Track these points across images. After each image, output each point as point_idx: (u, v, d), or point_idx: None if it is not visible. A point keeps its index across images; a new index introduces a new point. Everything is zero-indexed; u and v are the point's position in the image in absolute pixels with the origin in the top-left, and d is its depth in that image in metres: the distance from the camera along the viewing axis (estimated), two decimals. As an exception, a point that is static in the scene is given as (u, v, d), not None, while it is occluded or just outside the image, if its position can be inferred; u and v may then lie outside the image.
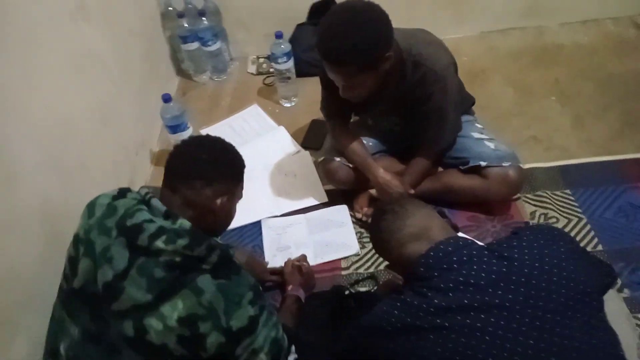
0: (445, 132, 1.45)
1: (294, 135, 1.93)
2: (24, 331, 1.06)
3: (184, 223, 0.93)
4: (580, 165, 1.69)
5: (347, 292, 1.38)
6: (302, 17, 2.26)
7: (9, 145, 1.08)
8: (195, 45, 2.14)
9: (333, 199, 1.67)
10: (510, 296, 0.83)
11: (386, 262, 1.44)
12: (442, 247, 0.92)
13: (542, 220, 1.54)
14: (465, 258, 0.89)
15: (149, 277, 0.89)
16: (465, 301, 0.84)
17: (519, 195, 1.59)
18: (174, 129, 1.69)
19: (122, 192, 1.01)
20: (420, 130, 1.47)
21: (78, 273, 0.95)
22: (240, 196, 1.08)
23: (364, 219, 1.54)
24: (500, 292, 0.84)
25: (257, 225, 1.61)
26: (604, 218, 1.53)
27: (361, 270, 1.47)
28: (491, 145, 1.52)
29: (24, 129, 1.15)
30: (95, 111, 1.51)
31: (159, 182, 1.04)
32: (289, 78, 2.02)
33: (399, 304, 0.91)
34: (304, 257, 1.43)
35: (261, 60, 2.35)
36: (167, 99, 1.63)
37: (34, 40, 1.21)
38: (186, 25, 2.08)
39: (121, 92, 1.69)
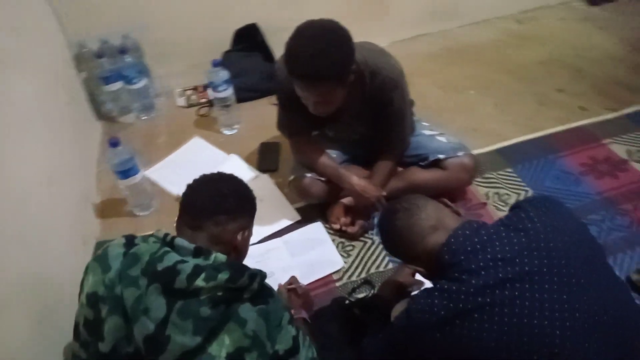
0: (406, 133, 1.55)
1: (247, 161, 1.90)
2: None
3: (219, 257, 0.88)
4: (513, 146, 1.90)
5: (347, 302, 1.39)
6: (224, 44, 2.25)
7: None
8: (118, 85, 2.02)
9: (304, 215, 1.67)
10: (536, 262, 0.91)
11: (375, 266, 1.49)
12: (460, 232, 0.98)
13: (496, 199, 1.69)
14: (485, 238, 0.96)
15: (195, 317, 0.83)
16: (500, 275, 0.90)
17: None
18: (125, 174, 1.56)
19: (131, 239, 0.92)
20: (380, 135, 1.54)
21: (105, 336, 0.84)
22: (252, 232, 1.07)
23: (343, 228, 1.56)
24: (526, 260, 0.91)
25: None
26: (545, 186, 1.73)
27: (354, 278, 1.48)
28: (443, 139, 1.64)
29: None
30: (41, 175, 1.35)
31: (110, 236, 0.97)
32: (229, 105, 1.99)
33: (436, 293, 0.94)
34: (294, 279, 1.40)
35: (189, 92, 2.28)
36: (114, 143, 1.51)
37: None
38: (107, 65, 1.95)
39: (56, 150, 1.52)
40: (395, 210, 1.06)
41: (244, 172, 1.83)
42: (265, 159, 1.90)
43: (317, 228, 1.62)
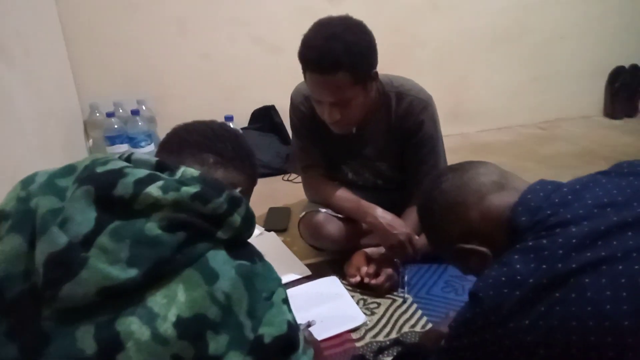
0: (440, 166, 1.31)
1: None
2: None
3: (189, 171, 0.61)
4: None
5: (372, 365, 0.99)
6: (242, 123, 2.19)
7: None
8: (124, 147, 1.90)
9: (316, 271, 1.33)
10: (667, 204, 0.61)
11: (409, 325, 1.11)
12: (538, 187, 0.70)
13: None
14: (578, 187, 0.67)
15: (135, 238, 0.52)
16: (615, 218, 0.59)
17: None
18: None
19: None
20: (410, 171, 1.31)
21: None
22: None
23: (366, 280, 1.22)
24: (648, 202, 0.61)
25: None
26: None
27: (380, 338, 1.09)
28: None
29: None
30: (3, 168, 1.14)
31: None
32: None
33: (517, 256, 0.61)
34: (305, 325, 1.04)
35: (198, 170, 2.14)
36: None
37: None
38: (116, 125, 1.86)
39: (35, 167, 1.33)
40: (440, 174, 0.79)
41: (247, 230, 1.56)
42: (273, 219, 1.65)
43: (331, 282, 1.28)
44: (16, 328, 0.50)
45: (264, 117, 2.18)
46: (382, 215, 1.22)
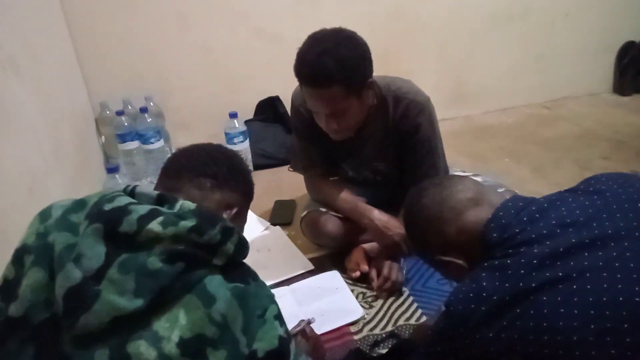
0: (438, 167, 1.35)
1: (260, 217, 1.72)
2: None
3: (186, 204, 0.67)
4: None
5: (368, 357, 1.07)
6: (247, 114, 2.24)
7: None
8: (134, 144, 1.97)
9: (318, 265, 1.41)
10: (622, 224, 0.66)
11: (404, 318, 1.19)
12: (510, 204, 0.76)
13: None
14: (546, 205, 0.73)
15: (140, 271, 0.60)
16: (573, 240, 0.65)
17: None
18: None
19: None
20: (409, 172, 1.35)
21: (19, 294, 0.61)
22: (244, 224, 0.86)
23: (376, 288, 1.28)
24: (607, 222, 0.66)
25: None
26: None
27: (377, 331, 1.17)
28: (478, 179, 1.43)
29: None
30: (22, 179, 1.22)
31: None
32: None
33: (484, 273, 0.68)
34: (306, 322, 1.12)
35: (207, 162, 2.21)
36: (112, 169, 1.39)
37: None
38: (125, 123, 1.94)
39: (51, 172, 1.42)
40: (422, 188, 0.85)
41: (253, 225, 1.64)
42: (278, 213, 1.72)
43: (332, 276, 1.36)
44: (42, 351, 0.58)
45: (269, 108, 2.23)
46: (378, 217, 1.28)
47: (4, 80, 1.22)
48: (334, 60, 1.09)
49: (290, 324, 1.13)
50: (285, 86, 1.45)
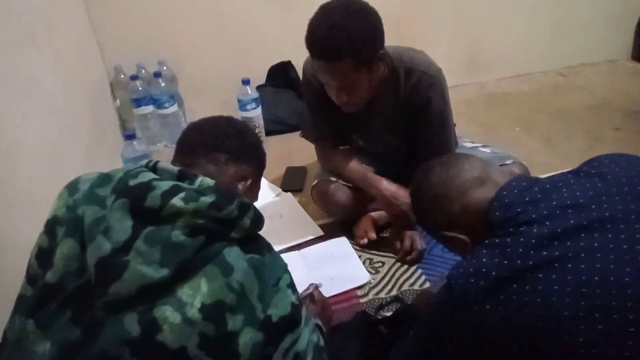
0: (449, 141, 1.36)
1: (272, 183, 1.76)
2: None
3: (206, 180, 0.72)
4: (569, 174, 1.68)
5: (373, 319, 1.14)
6: (259, 80, 2.25)
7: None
8: (149, 108, 2.00)
9: (328, 232, 1.47)
10: (620, 207, 0.69)
11: (409, 284, 1.25)
12: (514, 184, 0.78)
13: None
14: (548, 186, 0.75)
15: (165, 244, 0.65)
16: (572, 222, 0.68)
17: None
18: (138, 172, 1.46)
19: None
20: (420, 146, 1.37)
21: (54, 263, 0.67)
22: (257, 197, 0.90)
23: (400, 255, 1.34)
24: (606, 205, 0.69)
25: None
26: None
27: (382, 295, 1.23)
28: (487, 150, 1.46)
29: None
30: (43, 149, 1.27)
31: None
32: (257, 129, 1.91)
33: (485, 250, 0.72)
34: (314, 286, 1.18)
35: (219, 126, 2.24)
36: (130, 135, 1.43)
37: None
38: (140, 87, 1.96)
39: (69, 141, 1.47)
40: (430, 166, 0.88)
41: (265, 190, 1.69)
42: (290, 180, 1.77)
43: (341, 242, 1.42)
44: (77, 315, 0.64)
45: (280, 73, 2.23)
46: (386, 187, 1.32)
47: (25, 55, 1.25)
48: (344, 33, 1.10)
49: (301, 288, 1.19)
50: (297, 51, 1.44)
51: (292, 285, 0.75)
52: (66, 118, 1.47)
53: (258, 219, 0.74)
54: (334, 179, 1.42)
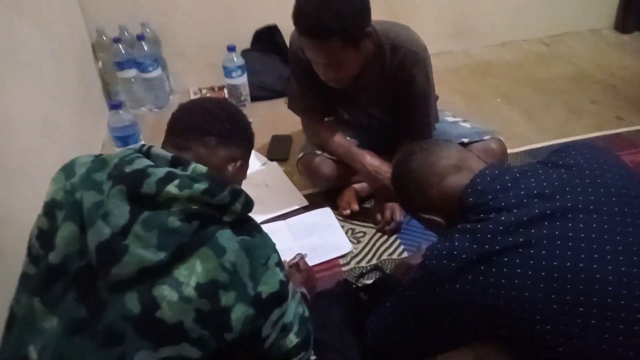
0: (430, 116, 1.41)
1: (257, 151, 1.80)
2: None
3: (199, 167, 0.75)
4: (545, 148, 1.75)
5: (353, 286, 1.22)
6: (245, 44, 2.22)
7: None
8: (132, 72, 1.98)
9: (313, 202, 1.53)
10: (580, 198, 0.75)
11: (388, 253, 1.33)
12: (487, 171, 0.84)
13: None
14: (518, 175, 0.81)
15: (161, 229, 0.69)
16: (536, 211, 0.75)
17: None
18: (124, 141, 1.48)
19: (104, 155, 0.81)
20: (402, 120, 1.42)
21: (56, 245, 0.71)
22: (245, 175, 0.94)
23: (379, 225, 1.41)
24: (569, 196, 0.76)
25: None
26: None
27: (363, 264, 1.31)
28: (467, 125, 1.52)
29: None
30: (34, 119, 1.28)
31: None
32: (243, 95, 1.92)
33: (457, 234, 0.78)
34: (300, 256, 1.25)
35: (204, 90, 2.24)
36: (116, 105, 1.44)
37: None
38: (123, 51, 1.93)
39: (60, 108, 1.47)
40: (411, 151, 0.93)
41: (251, 158, 1.71)
42: (275, 149, 1.80)
43: (325, 213, 1.48)
44: (81, 295, 0.69)
45: (266, 37, 2.20)
46: (369, 162, 1.37)
47: (9, 22, 1.23)
48: (332, 12, 1.11)
49: (287, 256, 1.27)
50: (283, 14, 1.42)
51: (280, 264, 0.80)
52: (54, 83, 1.46)
53: (248, 203, 0.78)
54: (318, 152, 1.46)
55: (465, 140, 1.44)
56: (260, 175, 1.65)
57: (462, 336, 0.81)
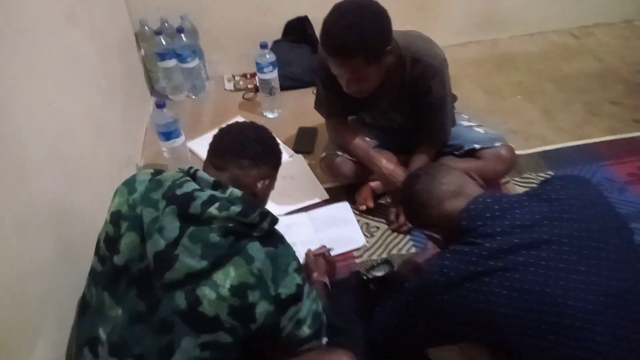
0: (446, 125, 1.53)
1: (284, 143, 1.94)
2: (44, 334, 0.97)
3: (235, 191, 0.92)
4: (558, 150, 1.84)
5: (364, 278, 1.38)
6: (276, 34, 2.33)
7: (16, 141, 1.01)
8: (172, 62, 2.13)
9: (333, 196, 1.68)
10: (556, 231, 0.88)
11: (397, 249, 1.48)
12: (480, 199, 0.96)
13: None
14: (506, 205, 0.93)
15: (204, 243, 0.86)
16: (516, 241, 0.88)
17: (508, 179, 1.69)
18: (167, 135, 1.65)
19: (159, 171, 0.98)
20: (420, 126, 1.53)
21: (120, 250, 0.89)
22: (274, 187, 1.09)
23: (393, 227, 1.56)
24: (546, 229, 0.88)
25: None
26: (587, 193, 1.65)
27: (374, 257, 1.47)
28: (481, 130, 1.61)
29: (28, 125, 1.08)
30: (89, 120, 1.45)
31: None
32: (273, 88, 2.05)
33: (449, 255, 0.92)
34: (325, 248, 1.41)
35: (237, 77, 2.37)
36: (161, 104, 1.61)
37: (33, 39, 1.16)
38: (164, 42, 2.08)
39: (109, 106, 1.64)
40: (417, 174, 1.06)
41: (280, 151, 1.87)
42: (301, 141, 1.94)
43: (343, 207, 1.63)
44: (141, 292, 0.88)
45: (297, 28, 2.30)
46: (385, 165, 1.50)
47: (68, 33, 1.38)
48: (357, 35, 1.22)
49: (308, 246, 1.43)
50: (314, 5, 1.48)
51: (298, 270, 0.97)
52: (104, 84, 1.63)
53: (273, 222, 0.94)
54: (339, 152, 1.60)
55: (477, 146, 1.55)
56: (287, 167, 1.79)
57: (448, 337, 0.97)
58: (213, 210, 0.87)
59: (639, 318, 0.82)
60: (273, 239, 0.95)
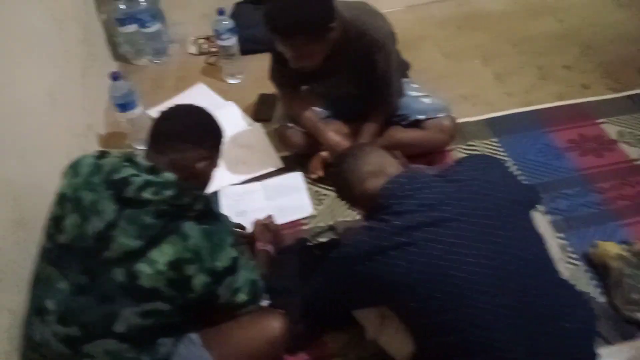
0: (392, 97, 1.59)
1: (244, 110, 1.99)
2: (3, 303, 1.08)
3: (169, 176, 1.00)
4: (503, 117, 1.91)
5: (310, 244, 1.50)
6: (238, -5, 2.31)
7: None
8: (133, 27, 2.13)
9: (288, 164, 1.76)
10: (458, 210, 0.98)
11: (343, 216, 1.58)
12: (396, 179, 1.06)
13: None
14: (418, 186, 1.03)
15: (139, 224, 0.95)
16: (421, 219, 0.98)
17: (453, 147, 1.77)
18: (124, 107, 1.70)
19: (104, 153, 1.05)
20: (366, 96, 1.59)
21: (65, 229, 0.99)
22: (216, 164, 1.17)
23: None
24: (448, 207, 0.98)
25: (216, 195, 1.67)
26: (527, 159, 1.75)
27: (321, 224, 1.58)
28: (427, 100, 1.68)
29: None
30: (43, 93, 1.49)
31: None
32: (233, 55, 2.07)
33: (364, 230, 1.03)
34: (270, 217, 1.51)
35: (201, 40, 2.38)
36: (115, 77, 1.64)
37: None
38: (123, 7, 2.07)
39: (64, 76, 1.67)
40: (345, 155, 1.15)
41: (239, 120, 1.93)
42: (261, 109, 1.99)
43: (296, 177, 1.72)
44: (84, 268, 0.98)
45: (260, -10, 2.28)
46: (331, 137, 1.58)
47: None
48: (297, 16, 1.26)
49: (258, 215, 1.53)
50: None
51: (233, 244, 1.06)
52: (60, 50, 1.64)
53: (207, 202, 1.03)
54: (290, 125, 1.67)
55: (422, 117, 1.62)
56: (246, 136, 1.87)
57: (365, 302, 1.09)
58: (147, 194, 0.96)
59: (517, 285, 0.94)
60: (209, 217, 1.04)
